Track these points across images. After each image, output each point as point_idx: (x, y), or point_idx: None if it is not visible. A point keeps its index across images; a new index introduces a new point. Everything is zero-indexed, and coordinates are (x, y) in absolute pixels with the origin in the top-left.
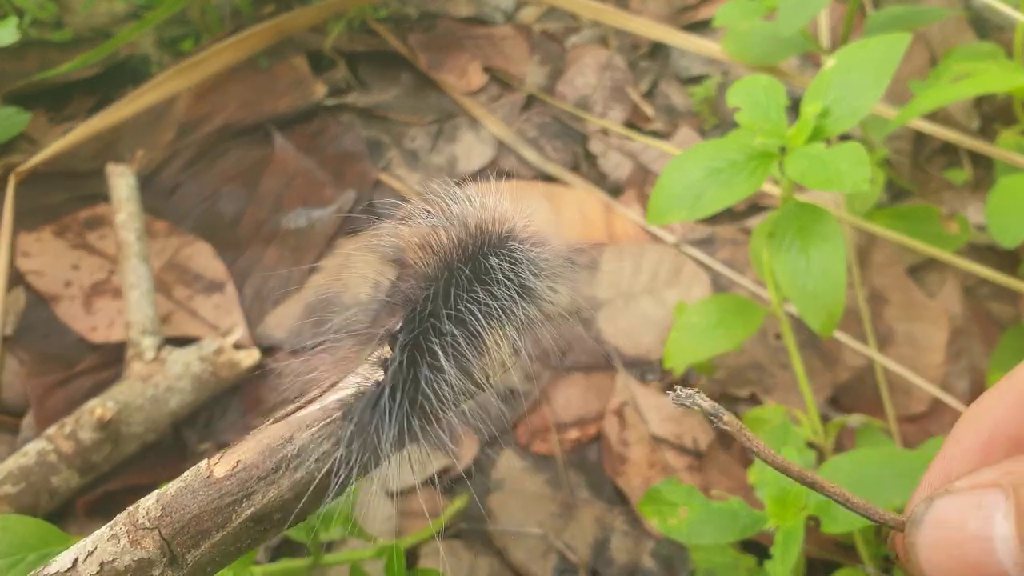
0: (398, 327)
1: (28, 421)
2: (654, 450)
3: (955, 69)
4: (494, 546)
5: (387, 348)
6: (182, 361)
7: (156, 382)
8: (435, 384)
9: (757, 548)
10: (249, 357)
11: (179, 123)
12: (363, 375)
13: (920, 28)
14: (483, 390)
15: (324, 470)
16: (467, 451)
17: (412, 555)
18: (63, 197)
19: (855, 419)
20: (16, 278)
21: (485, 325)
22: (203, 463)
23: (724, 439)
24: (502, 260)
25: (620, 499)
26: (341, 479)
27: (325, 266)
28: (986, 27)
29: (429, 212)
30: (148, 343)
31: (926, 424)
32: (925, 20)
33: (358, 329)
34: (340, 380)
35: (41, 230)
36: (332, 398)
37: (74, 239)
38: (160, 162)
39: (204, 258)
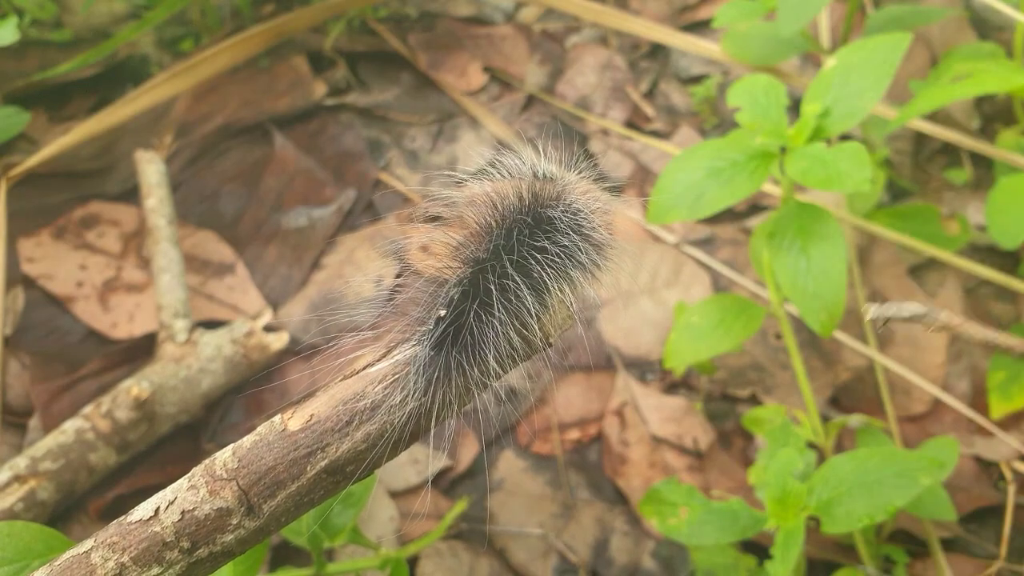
0: (463, 275)
1: (35, 423)
2: (654, 450)
3: (955, 69)
4: (494, 546)
5: (451, 294)
6: (214, 343)
7: (189, 364)
8: (487, 325)
9: (757, 549)
10: (279, 340)
11: (179, 123)
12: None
13: (920, 28)
14: (541, 350)
15: (398, 419)
16: (468, 451)
17: (412, 556)
18: (62, 198)
19: (855, 419)
20: (28, 283)
21: (548, 273)
22: (276, 418)
23: (724, 439)
24: (561, 212)
25: (620, 499)
26: (412, 425)
27: (327, 263)
28: (986, 27)
29: (483, 174)
30: (180, 325)
31: (926, 424)
32: (925, 20)
33: (426, 293)
34: (408, 339)
35: (39, 234)
36: (401, 355)
37: (74, 240)
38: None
39: (210, 244)
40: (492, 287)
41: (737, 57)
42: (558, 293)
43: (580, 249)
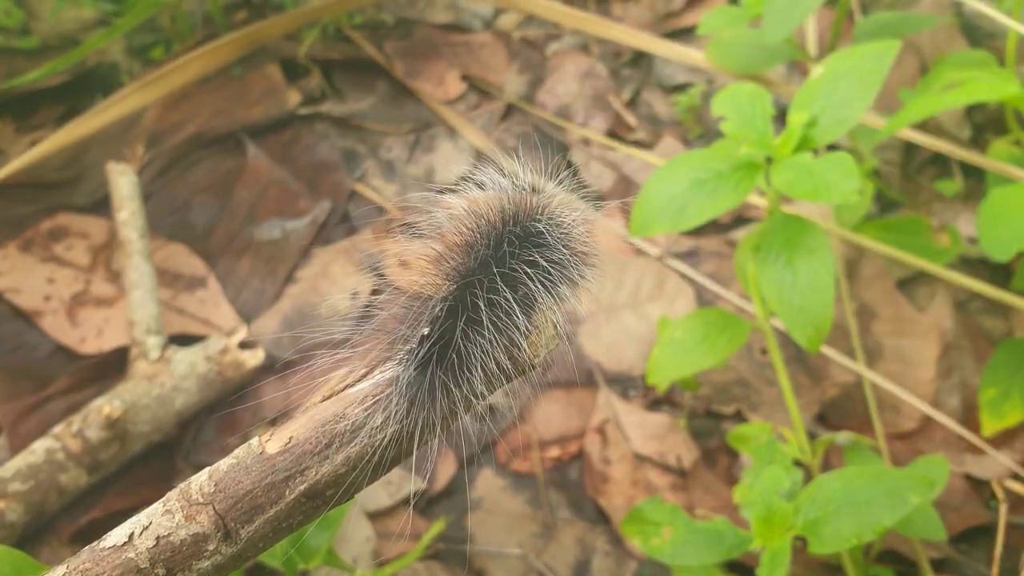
0: (447, 291)
1: (2, 443)
2: (637, 468)
3: (946, 77)
4: (473, 567)
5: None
6: (187, 361)
7: (162, 382)
8: (474, 344)
9: (743, 569)
10: (254, 357)
11: (150, 132)
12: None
13: (910, 35)
14: (528, 371)
15: (379, 442)
16: (446, 470)
17: None
18: (30, 209)
19: (843, 437)
20: None
21: (538, 289)
22: (254, 440)
23: (709, 457)
24: (548, 225)
25: (602, 519)
26: (394, 448)
27: (302, 277)
28: (977, 34)
29: (463, 185)
30: (153, 342)
31: (916, 442)
32: (915, 27)
33: (408, 310)
34: (390, 357)
35: (6, 246)
36: (382, 375)
37: (42, 252)
38: None
39: (181, 257)
40: (480, 303)
41: (722, 65)
42: (546, 310)
43: (570, 264)
